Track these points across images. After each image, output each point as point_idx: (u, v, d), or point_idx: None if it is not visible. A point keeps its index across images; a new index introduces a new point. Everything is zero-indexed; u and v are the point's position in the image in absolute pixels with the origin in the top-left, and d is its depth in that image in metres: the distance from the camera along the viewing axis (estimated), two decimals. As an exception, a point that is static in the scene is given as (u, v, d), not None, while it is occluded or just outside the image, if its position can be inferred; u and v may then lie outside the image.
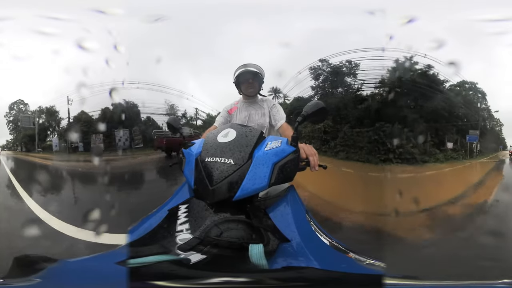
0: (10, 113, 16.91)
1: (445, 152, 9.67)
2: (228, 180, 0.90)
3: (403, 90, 9.34)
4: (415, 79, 9.16)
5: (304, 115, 1.07)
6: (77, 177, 9.86)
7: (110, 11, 5.56)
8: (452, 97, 9.67)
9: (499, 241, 2.78)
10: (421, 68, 8.95)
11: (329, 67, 10.93)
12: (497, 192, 6.40)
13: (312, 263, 0.76)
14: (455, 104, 9.80)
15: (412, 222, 3.92)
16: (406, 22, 5.81)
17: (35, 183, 8.06)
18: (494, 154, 10.68)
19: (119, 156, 15.12)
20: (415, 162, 9.78)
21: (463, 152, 9.86)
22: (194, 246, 0.76)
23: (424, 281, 0.86)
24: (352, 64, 10.35)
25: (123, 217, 3.00)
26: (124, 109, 15.74)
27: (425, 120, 9.40)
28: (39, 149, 16.91)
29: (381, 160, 9.84)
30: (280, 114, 1.91)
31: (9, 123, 17.18)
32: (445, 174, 9.31)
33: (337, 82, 10.55)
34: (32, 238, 2.87)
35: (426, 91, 9.38)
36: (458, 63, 7.91)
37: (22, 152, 17.39)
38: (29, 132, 17.13)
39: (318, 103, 1.08)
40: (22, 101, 16.44)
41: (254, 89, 1.92)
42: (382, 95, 9.99)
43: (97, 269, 0.78)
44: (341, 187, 6.68)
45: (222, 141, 1.01)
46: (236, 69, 1.92)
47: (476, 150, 9.98)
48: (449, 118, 9.79)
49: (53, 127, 17.13)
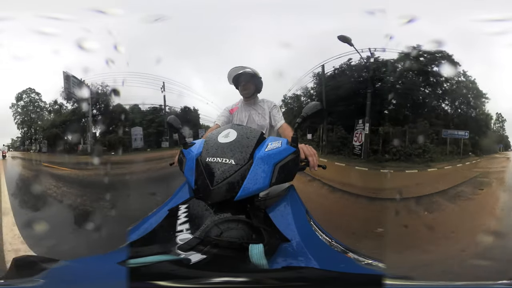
0: (18, 104, 12.58)
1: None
2: (229, 180, 0.91)
3: (400, 89, 9.27)
4: (414, 78, 9.10)
5: (303, 116, 1.07)
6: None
7: (110, 11, 5.56)
8: (450, 95, 9.43)
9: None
10: (421, 68, 8.93)
11: (328, 67, 10.96)
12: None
13: (312, 263, 0.76)
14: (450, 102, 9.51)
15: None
16: (406, 22, 5.82)
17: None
18: (481, 157, 9.41)
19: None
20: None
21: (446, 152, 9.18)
22: (194, 246, 0.76)
23: (424, 281, 0.86)
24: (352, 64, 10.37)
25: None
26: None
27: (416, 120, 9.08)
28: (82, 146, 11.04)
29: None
30: (280, 114, 1.94)
31: (17, 116, 12.92)
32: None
33: (337, 82, 10.58)
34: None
35: (425, 90, 9.31)
36: (457, 63, 7.92)
37: (43, 152, 12.13)
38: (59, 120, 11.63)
39: (316, 105, 1.08)
40: (33, 90, 12.38)
41: (249, 90, 1.92)
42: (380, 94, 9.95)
43: (98, 269, 0.78)
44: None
45: (223, 142, 1.01)
46: (229, 72, 1.91)
47: (461, 150, 8.92)
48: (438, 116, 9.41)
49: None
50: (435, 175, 7.96)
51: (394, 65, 8.94)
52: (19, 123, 12.96)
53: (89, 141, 11.13)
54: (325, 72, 10.62)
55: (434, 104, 9.48)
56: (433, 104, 9.44)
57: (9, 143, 12.99)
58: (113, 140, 11.02)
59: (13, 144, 13.16)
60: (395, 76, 8.99)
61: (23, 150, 12.99)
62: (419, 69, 8.95)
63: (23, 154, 12.69)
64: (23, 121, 12.96)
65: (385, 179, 7.25)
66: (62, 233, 3.44)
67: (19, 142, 13.26)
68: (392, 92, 9.00)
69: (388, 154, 8.48)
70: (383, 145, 8.78)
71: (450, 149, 9.05)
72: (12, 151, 12.80)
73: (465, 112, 9.60)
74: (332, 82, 10.33)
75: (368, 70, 9.48)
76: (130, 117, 11.39)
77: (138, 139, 10.00)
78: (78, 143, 11.39)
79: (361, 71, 9.79)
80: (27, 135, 13.25)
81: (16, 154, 12.71)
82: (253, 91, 1.94)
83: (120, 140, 10.80)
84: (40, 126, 12.70)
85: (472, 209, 4.96)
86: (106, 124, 11.38)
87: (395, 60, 8.84)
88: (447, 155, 8.88)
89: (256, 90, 1.95)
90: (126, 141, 10.83)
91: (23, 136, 13.17)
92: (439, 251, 2.70)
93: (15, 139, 13.16)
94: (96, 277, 0.74)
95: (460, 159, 8.83)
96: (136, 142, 10.09)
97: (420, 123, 8.92)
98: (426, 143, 8.65)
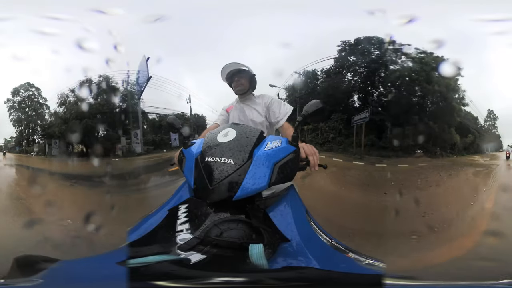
0: (14, 100, 11.17)
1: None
2: (228, 179, 0.90)
3: (398, 90, 9.23)
4: (413, 78, 9.06)
5: (304, 115, 1.07)
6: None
7: (110, 11, 5.55)
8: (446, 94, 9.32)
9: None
10: (421, 67, 8.91)
11: (329, 67, 10.97)
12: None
13: (312, 263, 0.76)
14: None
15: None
16: (406, 22, 5.81)
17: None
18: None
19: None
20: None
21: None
22: (194, 246, 0.76)
23: (424, 281, 0.86)
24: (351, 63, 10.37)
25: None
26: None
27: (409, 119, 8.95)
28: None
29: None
30: (281, 109, 1.82)
31: (13, 111, 11.13)
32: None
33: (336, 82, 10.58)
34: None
35: (423, 90, 9.24)
36: (458, 63, 7.91)
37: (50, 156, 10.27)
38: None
39: (317, 103, 1.07)
40: (32, 84, 10.96)
41: (242, 86, 1.87)
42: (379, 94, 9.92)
43: (98, 269, 0.78)
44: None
45: (222, 141, 1.01)
46: (221, 70, 1.86)
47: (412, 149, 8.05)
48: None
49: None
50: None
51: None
52: (14, 120, 10.95)
53: (139, 139, 10.62)
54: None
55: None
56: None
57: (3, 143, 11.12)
58: (158, 140, 11.68)
59: (5, 144, 11.19)
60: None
61: (19, 152, 10.95)
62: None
63: (27, 159, 10.23)
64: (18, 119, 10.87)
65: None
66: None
67: (13, 142, 11.24)
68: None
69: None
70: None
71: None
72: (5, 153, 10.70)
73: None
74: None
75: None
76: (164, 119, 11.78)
77: (176, 140, 11.17)
78: (116, 142, 10.31)
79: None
80: (27, 133, 11.11)
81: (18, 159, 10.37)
82: (247, 87, 1.88)
83: (162, 140, 11.58)
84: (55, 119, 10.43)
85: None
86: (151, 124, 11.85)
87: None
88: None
89: (250, 86, 1.90)
90: (167, 141, 11.56)
91: (22, 134, 10.99)
92: (439, 251, 2.70)
93: (8, 139, 11.20)
94: (96, 277, 0.74)
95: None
96: (176, 141, 11.27)
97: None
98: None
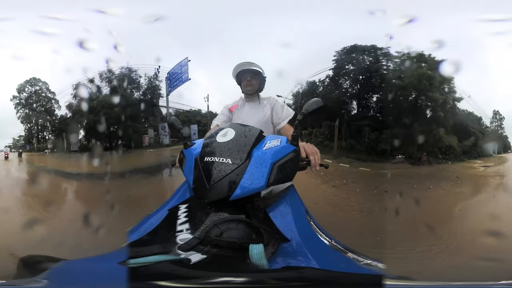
0: (20, 97, 10.89)
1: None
2: (225, 179, 0.90)
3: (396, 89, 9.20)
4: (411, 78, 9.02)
5: (304, 113, 1.06)
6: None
7: (110, 11, 5.55)
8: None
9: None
10: (420, 67, 8.89)
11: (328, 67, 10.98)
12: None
13: (311, 263, 0.76)
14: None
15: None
16: (406, 22, 5.81)
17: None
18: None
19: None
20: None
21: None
22: (194, 246, 0.76)
23: (423, 281, 0.86)
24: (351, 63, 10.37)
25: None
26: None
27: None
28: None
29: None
30: (285, 111, 1.90)
31: (20, 108, 10.89)
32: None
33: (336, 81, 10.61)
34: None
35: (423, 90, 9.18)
36: (457, 63, 7.91)
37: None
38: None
39: (317, 101, 1.06)
40: (39, 79, 10.71)
41: (252, 87, 1.93)
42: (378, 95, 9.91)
43: (98, 269, 0.78)
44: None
45: (221, 141, 1.01)
46: (234, 67, 1.91)
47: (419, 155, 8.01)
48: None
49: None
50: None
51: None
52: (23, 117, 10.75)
53: (167, 132, 11.55)
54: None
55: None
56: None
57: (11, 143, 10.78)
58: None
59: (14, 143, 10.93)
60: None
61: (31, 150, 10.67)
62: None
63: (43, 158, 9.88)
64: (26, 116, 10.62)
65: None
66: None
67: (23, 140, 10.95)
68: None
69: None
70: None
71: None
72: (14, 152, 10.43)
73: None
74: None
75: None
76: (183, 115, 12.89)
77: (196, 134, 11.86)
78: (143, 134, 11.15)
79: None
80: (36, 130, 10.88)
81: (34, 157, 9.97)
82: (256, 88, 1.95)
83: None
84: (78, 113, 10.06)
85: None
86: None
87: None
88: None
89: (258, 88, 1.96)
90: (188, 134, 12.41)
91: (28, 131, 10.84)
92: (439, 251, 2.70)
93: (17, 138, 10.88)
94: (96, 277, 0.74)
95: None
96: (195, 136, 11.70)
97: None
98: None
